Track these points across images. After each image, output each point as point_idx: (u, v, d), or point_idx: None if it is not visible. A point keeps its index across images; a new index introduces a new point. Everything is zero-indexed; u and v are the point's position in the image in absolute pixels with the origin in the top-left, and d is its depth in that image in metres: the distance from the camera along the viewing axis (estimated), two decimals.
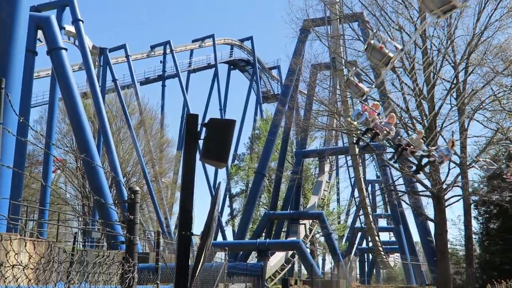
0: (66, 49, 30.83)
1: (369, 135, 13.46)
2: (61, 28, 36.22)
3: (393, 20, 27.09)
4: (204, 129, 4.87)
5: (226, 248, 19.34)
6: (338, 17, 31.10)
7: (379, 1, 25.88)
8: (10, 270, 3.05)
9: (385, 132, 12.86)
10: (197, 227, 4.72)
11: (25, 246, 15.73)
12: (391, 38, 11.83)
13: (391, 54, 11.63)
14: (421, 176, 29.44)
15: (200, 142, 4.87)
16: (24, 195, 36.53)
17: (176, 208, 57.88)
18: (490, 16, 25.57)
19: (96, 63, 50.60)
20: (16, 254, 2.99)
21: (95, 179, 29.66)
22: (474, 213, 31.18)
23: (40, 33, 31.91)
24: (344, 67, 30.44)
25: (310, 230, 46.13)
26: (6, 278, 3.06)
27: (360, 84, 13.63)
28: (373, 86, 19.47)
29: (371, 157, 49.85)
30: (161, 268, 10.41)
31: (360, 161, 48.02)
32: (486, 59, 26.55)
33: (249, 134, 72.13)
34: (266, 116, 64.64)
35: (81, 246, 24.71)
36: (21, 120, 3.26)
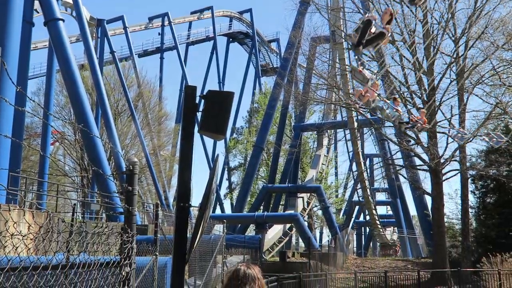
0: (63, 20, 30.51)
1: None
2: None
3: None
4: (202, 101, 4.85)
5: (225, 220, 19.45)
6: None
7: None
8: (10, 240, 3.07)
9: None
10: (195, 199, 4.74)
11: (24, 216, 15.82)
12: (392, 12, 11.73)
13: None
14: (419, 150, 29.56)
15: (199, 114, 4.85)
16: (23, 167, 36.63)
17: (174, 181, 58.15)
18: None
19: (94, 35, 50.14)
20: (15, 223, 3.00)
21: (94, 150, 29.66)
22: (471, 187, 31.40)
23: (37, 4, 31.56)
24: (344, 40, 30.24)
25: (308, 203, 46.41)
26: (5, 247, 3.08)
27: (364, 71, 13.64)
28: (376, 78, 19.32)
29: (370, 131, 49.98)
30: (160, 240, 10.48)
31: (359, 135, 48.12)
32: (486, 33, 26.39)
33: (247, 108, 72.09)
34: (265, 90, 64.43)
35: (80, 218, 24.85)
36: (18, 90, 3.23)
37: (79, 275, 3.62)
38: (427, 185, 32.96)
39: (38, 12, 34.87)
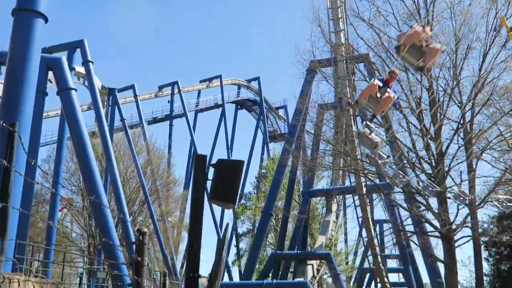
0: (75, 90, 31.22)
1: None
2: (71, 69, 36.79)
3: (399, 62, 27.36)
4: (212, 169, 4.90)
5: None
6: (344, 58, 31.46)
7: (384, 43, 26.18)
8: None
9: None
10: (204, 268, 4.69)
11: (31, 286, 15.58)
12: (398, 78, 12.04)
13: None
14: (429, 216, 29.20)
15: (208, 183, 4.89)
16: (30, 234, 36.42)
17: (182, 248, 57.50)
18: (495, 57, 25.74)
19: (105, 103, 51.16)
20: None
21: (102, 220, 29.52)
22: (484, 254, 30.80)
23: (50, 74, 32.42)
24: (350, 107, 30.59)
25: (318, 270, 45.51)
26: None
27: (372, 135, 13.78)
28: (386, 139, 19.51)
29: (379, 197, 49.62)
30: None
31: (368, 201, 47.65)
32: (492, 100, 26.63)
33: (255, 174, 72.12)
34: (273, 156, 64.70)
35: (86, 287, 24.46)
36: (32, 163, 3.30)
37: None
38: (439, 251, 32.33)
39: (51, 82, 35.78)
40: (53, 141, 46.41)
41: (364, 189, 40.02)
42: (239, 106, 75.74)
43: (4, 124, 2.12)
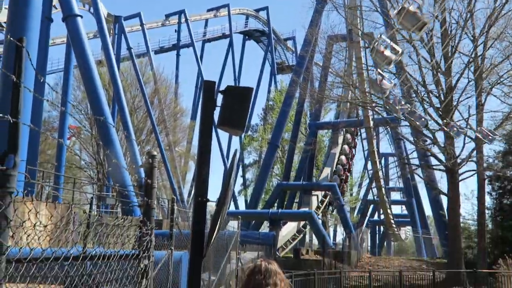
0: (81, 16, 30.75)
1: None
2: None
3: None
4: (220, 96, 4.87)
5: (239, 216, 19.50)
6: None
7: None
8: (29, 231, 3.10)
9: None
10: (211, 194, 4.76)
11: (41, 209, 16.02)
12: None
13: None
14: (435, 150, 29.34)
15: (217, 110, 4.87)
16: (40, 160, 36.98)
17: (189, 177, 58.42)
18: None
19: (111, 31, 50.47)
20: (36, 213, 3.05)
21: (110, 143, 29.84)
22: (487, 188, 31.06)
23: (55, 0, 31.82)
24: (361, 39, 30.06)
25: (322, 201, 46.27)
26: (24, 238, 3.11)
27: (383, 81, 13.56)
28: (400, 53, 19.15)
29: (385, 130, 49.67)
30: (175, 235, 10.53)
31: (374, 134, 47.80)
32: (506, 33, 26.07)
33: (263, 105, 71.99)
34: (281, 88, 64.33)
35: (95, 212, 25.04)
36: (41, 80, 3.28)
37: (98, 267, 3.66)
38: (443, 185, 32.71)
39: (56, 8, 35.18)
40: (60, 69, 46.18)
41: (371, 122, 40.06)
42: (246, 37, 74.54)
43: (11, 39, 2.08)
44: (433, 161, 31.82)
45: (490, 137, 17.60)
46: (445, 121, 25.00)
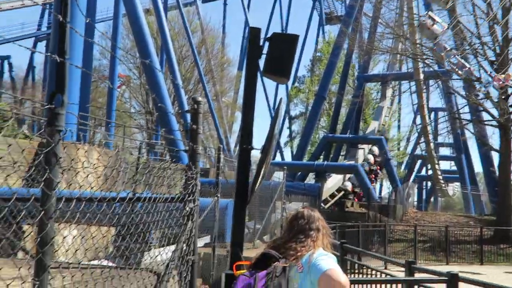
0: None
1: None
2: None
3: None
4: (266, 45, 4.81)
5: (285, 167, 19.62)
6: None
7: None
8: (82, 173, 3.21)
9: None
10: (256, 143, 4.78)
11: (92, 154, 16.54)
12: None
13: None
14: (488, 104, 28.42)
15: (263, 59, 4.82)
16: (91, 108, 37.97)
17: (235, 127, 58.84)
18: None
19: None
20: (85, 160, 3.14)
21: (157, 89, 30.34)
22: None
23: None
24: None
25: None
26: (72, 183, 3.23)
27: (434, 26, 13.05)
28: (446, 28, 18.46)
29: (436, 84, 48.31)
30: (221, 183, 10.72)
31: (425, 87, 46.58)
32: None
33: (310, 57, 70.95)
34: (329, 38, 63.07)
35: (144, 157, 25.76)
36: (87, 20, 3.32)
37: (146, 209, 3.79)
38: (494, 141, 31.83)
39: None
40: (109, 17, 46.62)
41: (422, 75, 38.96)
42: None
43: None
44: (485, 116, 30.89)
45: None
46: (500, 74, 24.08)
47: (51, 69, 21.12)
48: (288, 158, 62.84)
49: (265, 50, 4.77)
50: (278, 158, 59.98)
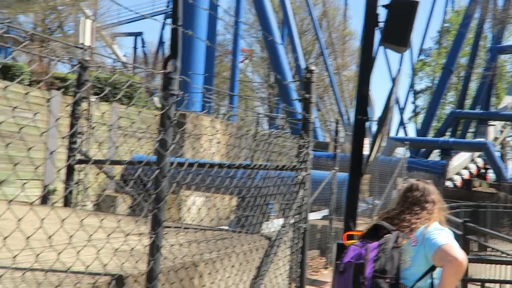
0: None
1: None
2: None
3: None
4: (384, 13, 4.68)
5: (407, 142, 19.05)
6: None
7: None
8: (208, 142, 3.38)
9: None
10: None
11: (217, 125, 17.21)
12: None
13: None
14: None
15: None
16: (216, 82, 39.30)
17: None
18: None
19: None
20: (209, 131, 3.30)
21: (278, 61, 30.94)
22: None
23: None
24: None
25: (501, 132, 42.99)
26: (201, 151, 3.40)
27: None
28: None
29: None
30: (340, 157, 10.68)
31: None
32: None
33: (437, 28, 67.31)
34: (459, 7, 59.38)
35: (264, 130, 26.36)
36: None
37: (262, 178, 3.92)
38: None
39: None
40: None
41: None
42: None
43: None
44: None
45: None
46: None
47: None
48: (412, 134, 60.76)
49: (383, 19, 4.65)
50: (401, 134, 58.22)
